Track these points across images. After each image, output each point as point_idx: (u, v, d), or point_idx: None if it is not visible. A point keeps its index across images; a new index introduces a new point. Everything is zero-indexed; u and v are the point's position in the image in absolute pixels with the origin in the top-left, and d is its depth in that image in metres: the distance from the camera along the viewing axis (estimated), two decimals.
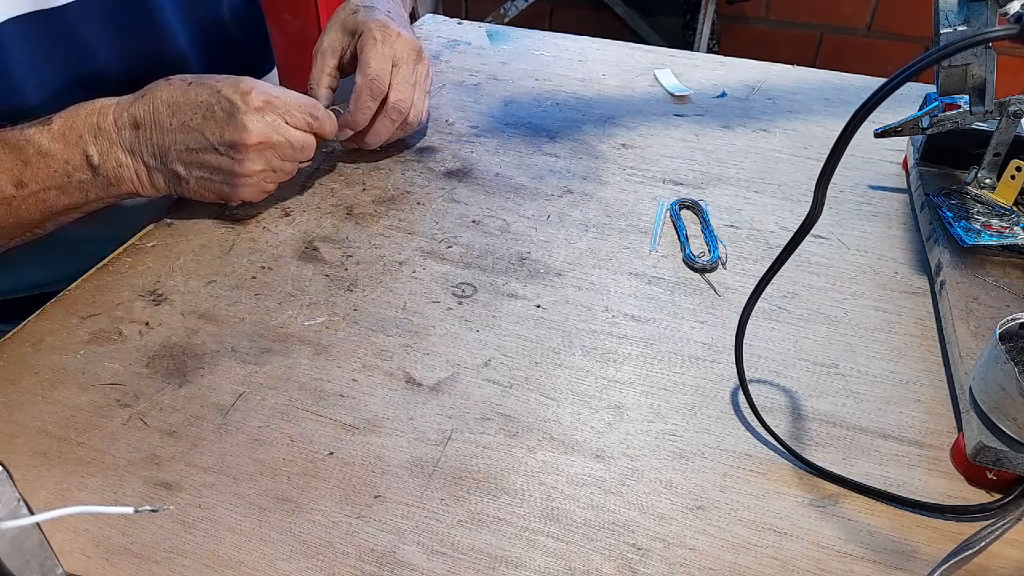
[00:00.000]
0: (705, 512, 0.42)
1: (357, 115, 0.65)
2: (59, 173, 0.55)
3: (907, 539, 0.41)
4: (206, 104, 0.56)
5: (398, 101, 0.66)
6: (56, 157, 0.55)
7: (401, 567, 0.39)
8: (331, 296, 0.56)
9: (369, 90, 0.64)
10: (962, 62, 0.53)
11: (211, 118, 0.56)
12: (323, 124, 0.62)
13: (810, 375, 0.50)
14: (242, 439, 0.46)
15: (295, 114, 0.59)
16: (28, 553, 0.29)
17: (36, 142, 0.54)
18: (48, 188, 0.55)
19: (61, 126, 0.55)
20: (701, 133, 0.78)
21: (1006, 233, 0.57)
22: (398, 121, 0.67)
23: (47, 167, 0.55)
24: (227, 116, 0.55)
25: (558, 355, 0.52)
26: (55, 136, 0.55)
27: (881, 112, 0.40)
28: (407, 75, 0.66)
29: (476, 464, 0.44)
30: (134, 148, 0.56)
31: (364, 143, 0.69)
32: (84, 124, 0.55)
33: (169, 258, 0.60)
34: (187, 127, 0.56)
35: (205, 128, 0.56)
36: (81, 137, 0.55)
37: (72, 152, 0.55)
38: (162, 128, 0.56)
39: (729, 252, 0.61)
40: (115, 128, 0.56)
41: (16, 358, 0.51)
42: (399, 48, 0.66)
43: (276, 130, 0.57)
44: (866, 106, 0.33)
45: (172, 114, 0.56)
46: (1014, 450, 0.41)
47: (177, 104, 0.56)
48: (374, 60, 0.64)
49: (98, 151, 0.56)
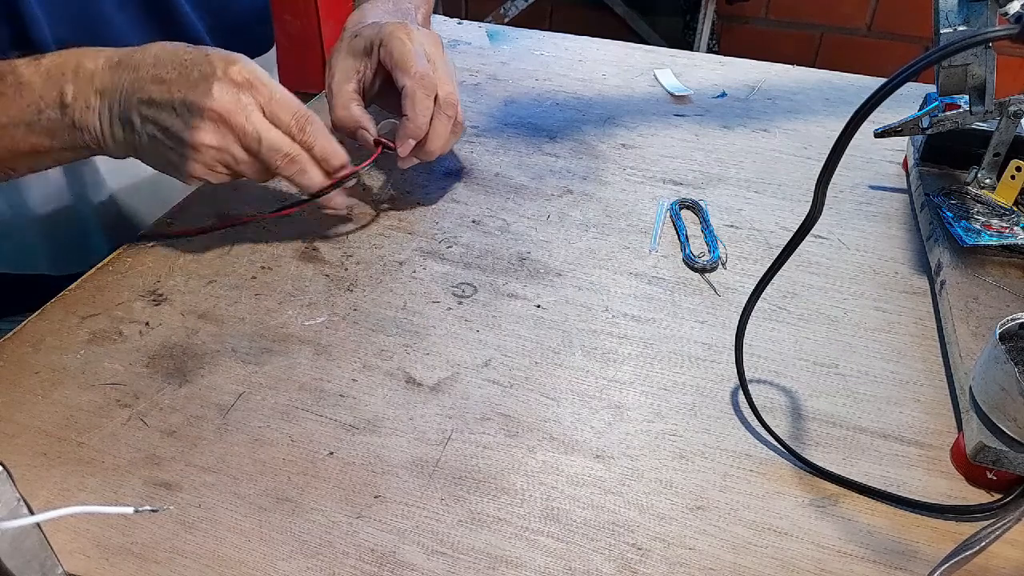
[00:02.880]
0: (705, 512, 0.42)
1: (418, 118, 0.59)
2: (31, 108, 0.53)
3: (907, 539, 0.41)
4: (188, 63, 0.53)
5: (448, 95, 0.60)
6: (33, 91, 0.53)
7: (401, 567, 0.39)
8: (331, 296, 0.56)
9: (423, 88, 0.58)
10: (962, 62, 0.53)
11: (184, 77, 0.52)
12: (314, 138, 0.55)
13: (810, 375, 0.50)
14: (242, 439, 0.46)
15: (275, 108, 0.54)
16: (28, 553, 0.29)
17: (19, 73, 0.53)
18: (17, 123, 0.53)
19: (50, 62, 0.53)
20: (701, 133, 0.78)
21: (1006, 233, 0.57)
22: (452, 118, 0.61)
23: (20, 100, 0.53)
24: (200, 78, 0.52)
25: (558, 355, 0.52)
26: (39, 70, 0.53)
27: (881, 112, 0.40)
28: (445, 68, 0.61)
29: (476, 464, 0.44)
30: (106, 88, 0.54)
31: (426, 152, 0.61)
32: (72, 63, 0.53)
33: (169, 258, 0.60)
34: (159, 79, 0.53)
35: (173, 84, 0.52)
36: (63, 75, 0.53)
37: (49, 88, 0.53)
38: (138, 73, 0.53)
39: (729, 252, 0.61)
40: (98, 68, 0.54)
41: (16, 358, 0.51)
42: (428, 43, 0.62)
43: (245, 111, 0.53)
44: (866, 106, 0.33)
45: (153, 64, 0.53)
46: (1014, 450, 0.41)
47: (163, 57, 0.53)
48: (412, 58, 0.59)
49: (73, 90, 0.53)
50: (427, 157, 0.62)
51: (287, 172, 0.55)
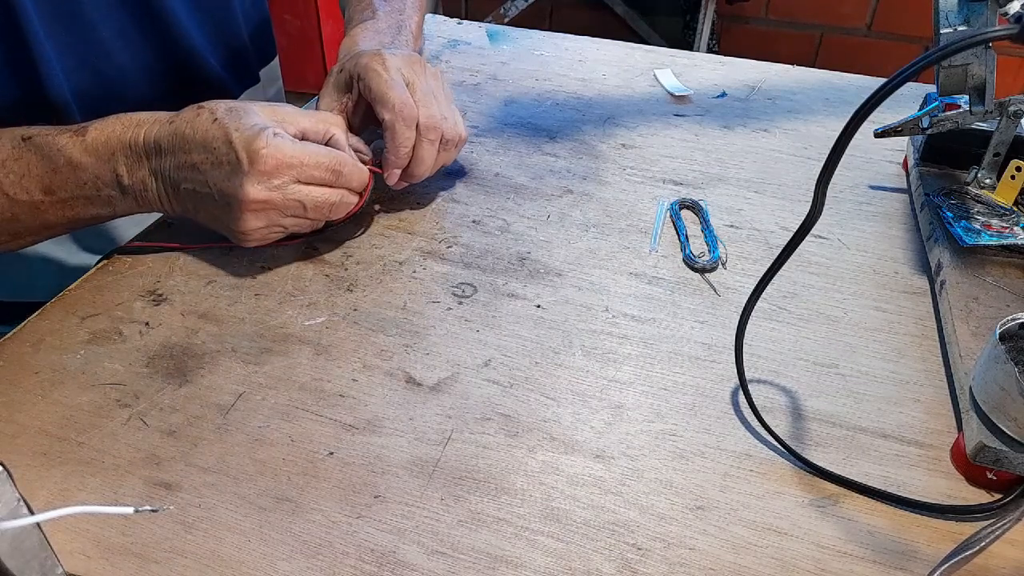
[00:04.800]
0: (705, 512, 0.42)
1: (399, 150, 0.60)
2: (88, 186, 0.54)
3: (907, 539, 0.41)
4: (217, 152, 0.53)
5: (428, 119, 0.61)
6: (87, 170, 0.54)
7: (401, 567, 0.39)
8: (331, 296, 0.56)
9: (401, 119, 0.59)
10: (962, 62, 0.53)
11: (217, 167, 0.53)
12: (350, 179, 0.57)
13: (810, 375, 0.50)
14: (242, 439, 0.46)
15: (309, 173, 0.55)
16: (28, 553, 0.29)
17: (68, 154, 0.53)
18: (76, 198, 0.55)
19: (95, 139, 0.54)
20: (701, 133, 0.78)
21: (1006, 233, 0.57)
22: (436, 140, 0.62)
23: (76, 179, 0.54)
24: (231, 171, 0.52)
25: (558, 355, 0.52)
26: (88, 149, 0.54)
27: (881, 112, 0.40)
28: (424, 90, 0.62)
29: (476, 464, 0.44)
30: (156, 172, 0.55)
31: (412, 176, 0.63)
32: (118, 141, 0.54)
33: (169, 258, 0.60)
34: (196, 168, 0.53)
35: (210, 176, 0.53)
36: (113, 155, 0.54)
37: (103, 168, 0.54)
38: (178, 162, 0.54)
39: (729, 252, 0.61)
40: (143, 148, 0.54)
41: (16, 358, 0.51)
42: (404, 68, 0.62)
43: (280, 192, 0.53)
44: (866, 106, 0.33)
45: (189, 150, 0.54)
46: (1014, 450, 0.41)
47: (195, 141, 0.53)
48: (390, 90, 0.59)
49: (127, 170, 0.54)
50: (415, 180, 0.63)
51: (336, 217, 0.58)
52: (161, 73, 0.70)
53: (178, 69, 0.71)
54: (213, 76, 0.74)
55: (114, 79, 0.66)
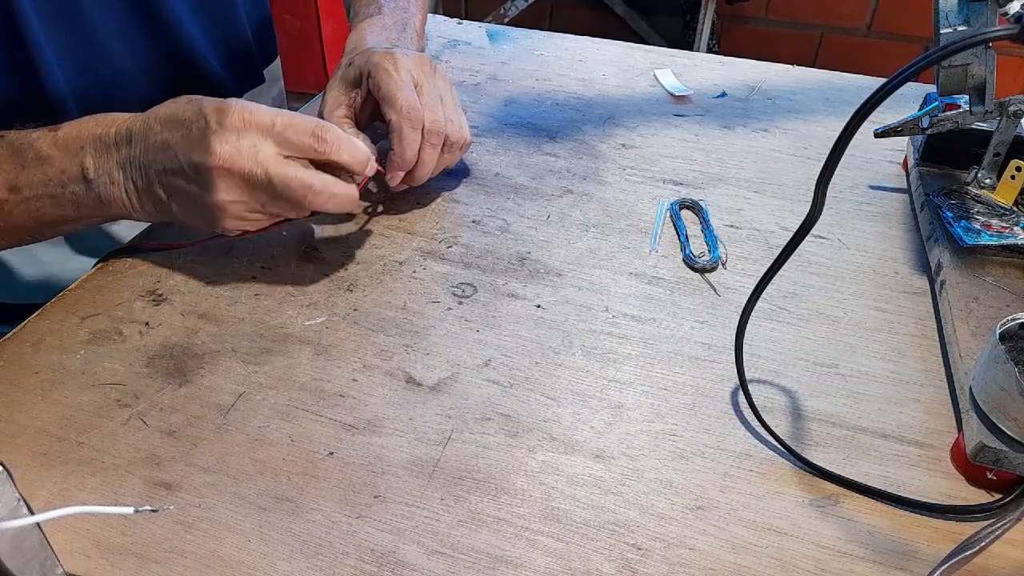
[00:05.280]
0: (705, 512, 0.42)
1: (406, 153, 0.59)
2: (53, 182, 0.52)
3: (907, 539, 0.41)
4: (187, 122, 0.50)
5: (433, 123, 0.60)
6: (54, 165, 0.52)
7: (401, 567, 0.39)
8: (331, 296, 0.56)
9: (408, 121, 0.58)
10: (962, 62, 0.53)
11: (186, 138, 0.50)
12: (338, 148, 0.52)
13: (810, 375, 0.50)
14: (242, 439, 0.46)
15: (286, 135, 0.50)
16: (28, 553, 0.29)
17: (38, 147, 0.52)
18: (41, 196, 0.53)
19: (67, 133, 0.52)
20: (701, 133, 0.78)
21: (1006, 233, 0.57)
22: (439, 144, 0.61)
23: (43, 174, 0.52)
24: (199, 135, 0.49)
25: (558, 355, 0.52)
26: (57, 143, 0.52)
27: (881, 112, 0.40)
28: (432, 93, 0.61)
29: (476, 464, 0.44)
30: (125, 164, 0.52)
31: (413, 179, 0.62)
32: (89, 135, 0.52)
33: (169, 258, 0.60)
34: (167, 145, 0.51)
35: (178, 148, 0.50)
36: (82, 148, 0.52)
37: (70, 162, 0.52)
38: (147, 145, 0.52)
39: (729, 252, 0.61)
40: (113, 139, 0.53)
41: (16, 358, 0.51)
42: (415, 70, 0.61)
43: (248, 154, 0.49)
44: (866, 106, 0.33)
45: (160, 130, 0.51)
46: (1014, 450, 0.41)
47: (167, 120, 0.51)
48: (399, 91, 0.59)
49: (94, 163, 0.52)
50: (417, 183, 0.63)
51: (317, 206, 0.52)
52: (161, 74, 0.70)
53: (179, 70, 0.71)
54: (214, 77, 0.74)
55: (114, 80, 0.66)
